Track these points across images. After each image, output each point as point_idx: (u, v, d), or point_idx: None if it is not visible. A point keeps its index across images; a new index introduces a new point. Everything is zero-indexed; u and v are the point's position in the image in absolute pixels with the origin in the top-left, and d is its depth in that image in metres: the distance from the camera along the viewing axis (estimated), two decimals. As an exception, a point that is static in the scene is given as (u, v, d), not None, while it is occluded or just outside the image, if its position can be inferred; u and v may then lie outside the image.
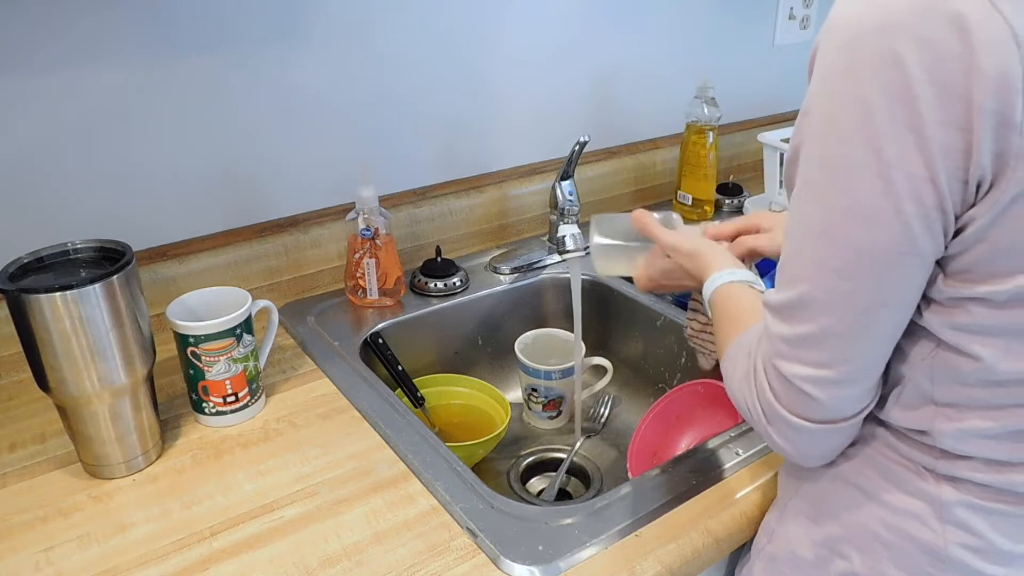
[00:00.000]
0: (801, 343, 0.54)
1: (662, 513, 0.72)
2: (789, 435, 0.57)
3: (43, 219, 0.92)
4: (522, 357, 1.04)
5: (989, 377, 0.53)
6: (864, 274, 0.51)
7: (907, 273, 0.51)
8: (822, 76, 0.52)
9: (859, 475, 0.62)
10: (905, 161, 0.47)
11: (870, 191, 0.49)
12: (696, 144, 1.33)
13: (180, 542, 0.69)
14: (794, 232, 0.55)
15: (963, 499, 0.57)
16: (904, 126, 0.47)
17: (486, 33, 1.17)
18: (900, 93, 0.46)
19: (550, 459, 1.05)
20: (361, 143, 1.12)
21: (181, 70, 0.95)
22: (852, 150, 0.49)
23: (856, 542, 0.62)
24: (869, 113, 0.48)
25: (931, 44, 0.45)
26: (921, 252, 0.50)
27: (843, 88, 0.49)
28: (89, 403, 0.73)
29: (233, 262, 1.04)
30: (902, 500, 0.59)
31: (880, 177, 0.48)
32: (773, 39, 1.56)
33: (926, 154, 0.47)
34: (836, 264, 0.52)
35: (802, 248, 0.54)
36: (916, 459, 0.59)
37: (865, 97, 0.48)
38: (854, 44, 0.48)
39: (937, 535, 0.58)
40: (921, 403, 0.57)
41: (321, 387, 0.91)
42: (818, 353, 0.54)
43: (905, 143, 0.47)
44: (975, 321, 0.52)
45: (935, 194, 0.48)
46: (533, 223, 1.31)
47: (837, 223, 0.51)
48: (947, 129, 0.46)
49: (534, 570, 0.65)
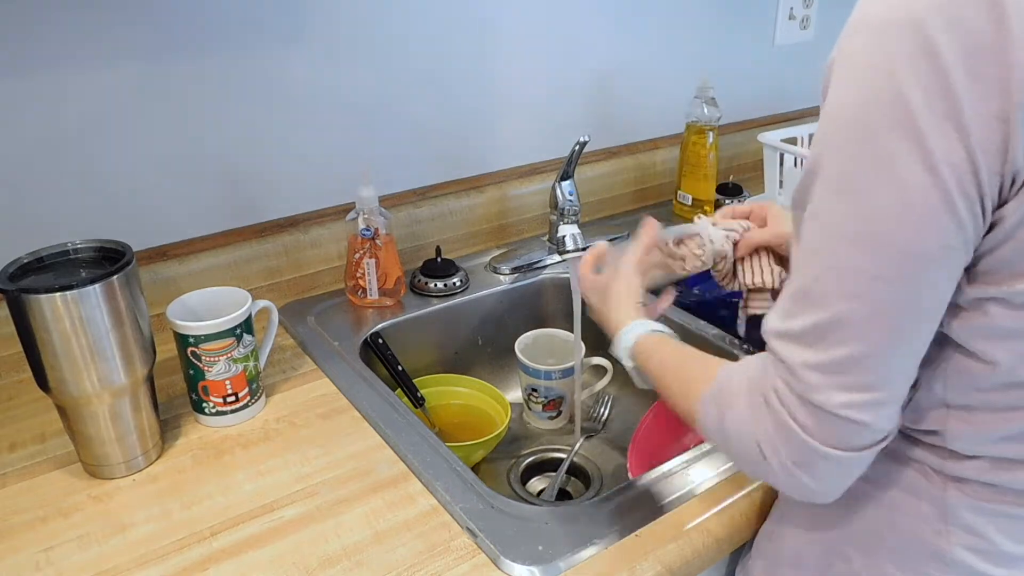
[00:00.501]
0: (838, 369, 0.50)
1: (662, 513, 0.72)
2: (823, 470, 0.53)
3: (43, 219, 0.92)
4: (522, 357, 1.04)
5: (1006, 380, 0.52)
6: (908, 280, 0.48)
7: (950, 273, 0.49)
8: (850, 77, 0.49)
9: (863, 477, 0.61)
10: (950, 154, 0.45)
11: (918, 186, 0.46)
12: (696, 144, 1.33)
13: (180, 542, 0.69)
14: (815, 248, 0.51)
15: (968, 501, 0.57)
16: (943, 118, 0.45)
17: (486, 33, 1.17)
18: (937, 84, 0.45)
19: (550, 459, 1.05)
20: (361, 143, 1.12)
21: (181, 70, 0.95)
22: (893, 146, 0.46)
23: (857, 543, 0.62)
24: (907, 107, 0.45)
25: (967, 34, 0.44)
26: (968, 247, 0.48)
27: (876, 84, 0.47)
28: (89, 403, 0.73)
29: (233, 262, 1.04)
30: (906, 501, 0.59)
31: (927, 171, 0.46)
32: (773, 39, 1.56)
33: (968, 146, 0.45)
34: (877, 271, 0.48)
35: (830, 263, 0.50)
36: (923, 460, 0.58)
37: (902, 91, 0.46)
38: (885, 38, 0.46)
39: (941, 536, 0.58)
40: (934, 406, 0.56)
41: (321, 387, 0.91)
42: (860, 376, 0.50)
43: (947, 135, 0.45)
44: (993, 323, 0.51)
45: (977, 187, 0.46)
46: (533, 223, 1.31)
47: (878, 226, 0.48)
48: (986, 121, 0.44)
49: (534, 570, 0.65)
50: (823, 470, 0.53)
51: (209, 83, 0.97)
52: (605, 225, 1.35)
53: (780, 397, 0.52)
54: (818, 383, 0.50)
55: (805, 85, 1.66)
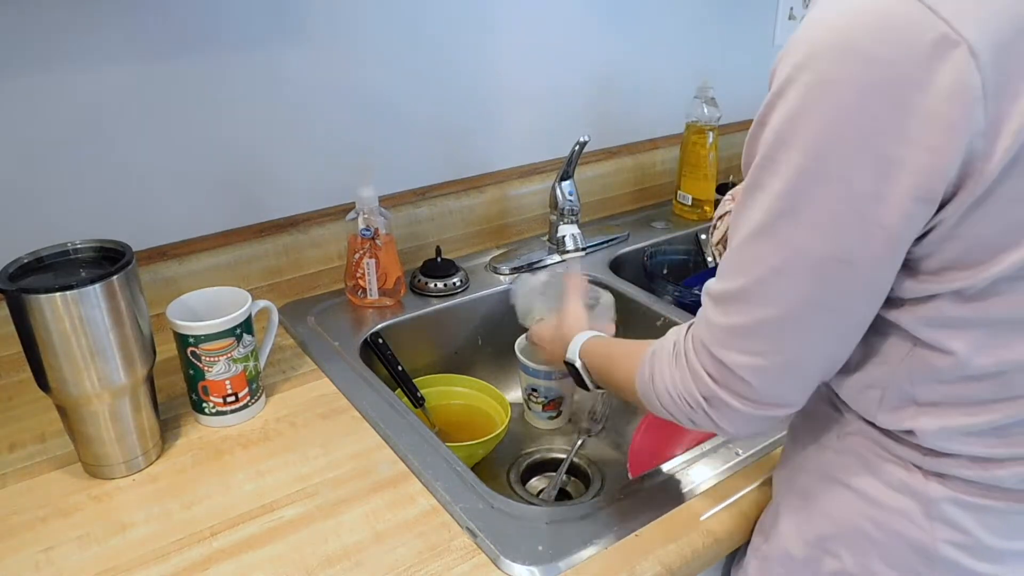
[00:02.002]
0: (737, 332, 0.55)
1: (662, 513, 0.72)
2: (727, 414, 0.58)
3: (43, 219, 0.92)
4: (522, 357, 1.04)
5: (964, 372, 0.53)
6: (802, 275, 0.51)
7: (851, 283, 0.51)
8: (783, 93, 0.50)
9: (848, 473, 0.62)
10: (869, 183, 0.47)
11: (832, 203, 0.49)
12: (696, 144, 1.33)
13: (180, 542, 0.68)
14: (740, 224, 0.55)
15: (950, 495, 0.57)
16: (870, 147, 0.46)
17: (487, 33, 1.17)
18: (865, 113, 0.46)
19: (550, 459, 1.05)
20: (361, 143, 1.12)
21: (181, 70, 0.95)
22: (823, 165, 0.48)
23: (846, 540, 0.62)
24: (840, 129, 0.47)
25: (886, 65, 0.45)
26: (863, 265, 0.50)
27: (808, 108, 0.48)
28: (89, 403, 0.73)
29: (233, 262, 1.04)
30: (890, 497, 0.59)
31: (843, 194, 0.48)
32: (773, 39, 1.56)
33: (891, 176, 0.47)
34: (774, 262, 0.52)
35: (745, 242, 0.54)
36: (904, 456, 0.59)
37: (832, 116, 0.47)
38: (814, 64, 0.47)
39: (925, 532, 0.58)
40: (904, 404, 0.57)
41: (321, 387, 0.91)
42: (751, 342, 0.55)
43: (871, 166, 0.47)
44: (946, 315, 0.52)
45: (898, 215, 0.48)
46: (533, 223, 1.31)
47: (782, 224, 0.51)
48: (915, 150, 0.46)
49: (534, 570, 0.65)
50: (729, 416, 0.58)
51: (209, 83, 0.97)
52: (605, 225, 1.35)
53: (697, 350, 0.59)
54: (724, 341, 0.56)
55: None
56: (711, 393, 0.58)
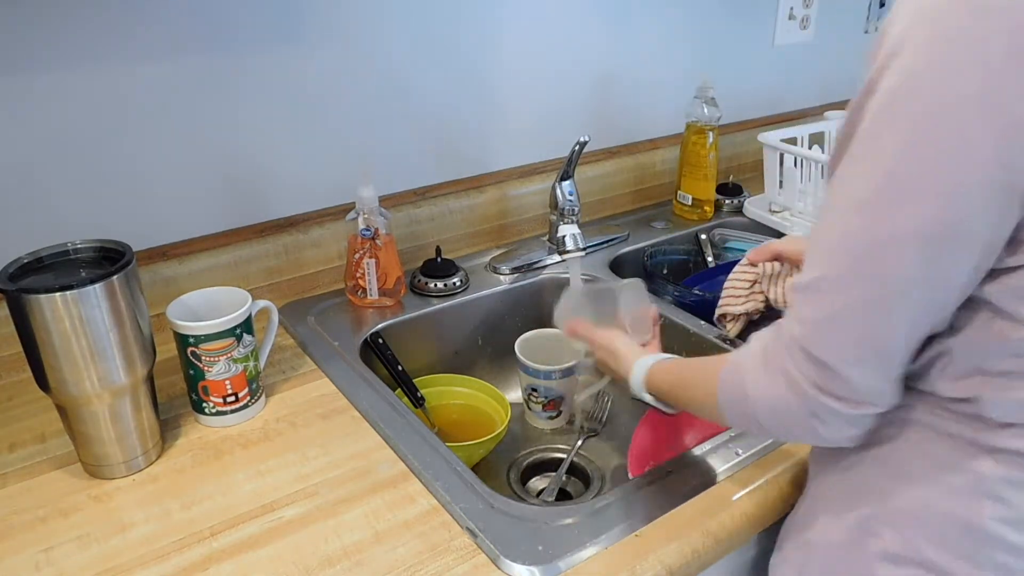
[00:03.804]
0: (835, 321, 0.53)
1: (662, 513, 0.72)
2: (833, 424, 0.56)
3: (43, 219, 0.92)
4: (522, 357, 1.04)
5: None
6: (911, 248, 0.49)
7: (962, 256, 0.49)
8: (898, 52, 0.48)
9: (892, 453, 0.61)
10: (990, 146, 0.45)
11: (950, 168, 0.46)
12: (696, 144, 1.33)
13: (180, 542, 0.69)
14: (837, 201, 0.52)
15: (1002, 472, 0.56)
16: (993, 105, 0.45)
17: (486, 33, 1.17)
18: (989, 68, 0.44)
19: (550, 459, 1.05)
20: (361, 143, 1.12)
21: (181, 70, 0.95)
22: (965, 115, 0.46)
23: (888, 519, 0.61)
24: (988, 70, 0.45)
25: (1008, 13, 0.44)
26: (978, 236, 0.48)
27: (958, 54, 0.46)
28: (89, 403, 0.73)
29: (233, 262, 1.04)
30: (939, 477, 0.58)
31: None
32: (773, 39, 1.56)
33: (1015, 138, 0.45)
34: (880, 234, 0.50)
35: (845, 217, 0.51)
36: (956, 433, 0.57)
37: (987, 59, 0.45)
38: (932, 19, 0.46)
39: (973, 510, 0.57)
40: (969, 373, 0.55)
41: (321, 387, 0.91)
42: (849, 331, 0.53)
43: (993, 126, 0.45)
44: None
45: (1021, 180, 0.46)
46: (533, 223, 1.31)
47: (892, 193, 0.48)
48: None
49: (534, 570, 0.65)
50: (836, 424, 0.56)
51: (209, 84, 0.97)
52: (605, 225, 1.35)
53: (789, 351, 0.55)
54: (819, 334, 0.53)
55: (805, 85, 1.66)
56: (817, 404, 0.55)
